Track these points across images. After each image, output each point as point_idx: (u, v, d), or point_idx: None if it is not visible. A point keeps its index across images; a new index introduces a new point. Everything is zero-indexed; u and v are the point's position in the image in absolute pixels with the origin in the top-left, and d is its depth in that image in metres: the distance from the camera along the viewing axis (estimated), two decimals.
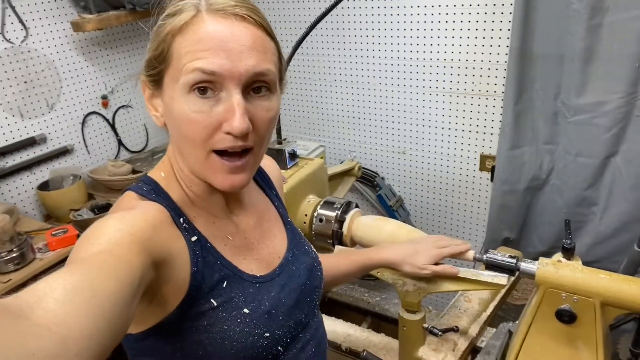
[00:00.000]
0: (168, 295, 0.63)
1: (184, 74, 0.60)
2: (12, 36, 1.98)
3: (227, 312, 0.67)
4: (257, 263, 0.76)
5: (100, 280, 0.47)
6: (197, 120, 0.61)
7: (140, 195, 0.67)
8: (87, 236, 0.56)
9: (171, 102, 0.63)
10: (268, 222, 0.83)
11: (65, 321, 0.41)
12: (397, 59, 2.13)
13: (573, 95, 1.66)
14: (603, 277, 1.01)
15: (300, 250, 0.85)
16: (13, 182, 2.08)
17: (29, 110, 2.09)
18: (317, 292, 0.85)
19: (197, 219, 0.70)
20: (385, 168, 2.39)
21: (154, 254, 0.58)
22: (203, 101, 0.60)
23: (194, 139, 0.62)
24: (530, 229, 2.01)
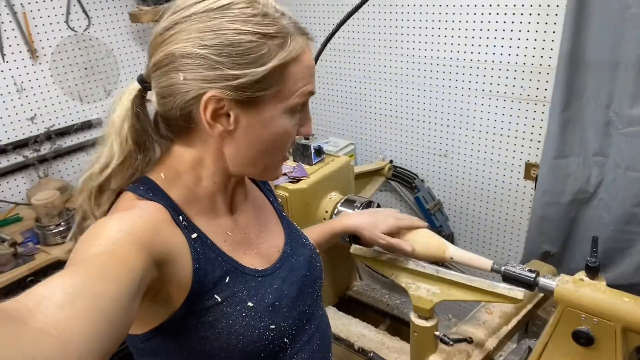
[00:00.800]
0: (171, 293, 0.65)
1: (299, 97, 0.68)
2: (76, 25, 2.12)
3: (231, 307, 0.68)
4: (258, 257, 0.77)
5: (100, 282, 0.47)
6: (293, 132, 0.71)
7: (138, 195, 0.68)
8: (87, 237, 0.57)
9: (271, 120, 0.68)
10: (265, 217, 0.85)
11: (65, 325, 0.41)
12: (443, 59, 2.08)
13: (626, 105, 1.55)
14: (627, 300, 0.94)
15: (298, 242, 0.86)
16: (70, 162, 2.23)
17: (88, 95, 2.23)
18: (319, 283, 0.87)
19: (197, 217, 0.71)
20: (425, 170, 2.34)
21: (155, 252, 0.59)
22: (298, 115, 0.71)
23: (284, 147, 0.72)
24: (574, 245, 1.90)
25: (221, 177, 0.72)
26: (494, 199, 2.17)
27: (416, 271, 1.17)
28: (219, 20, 0.62)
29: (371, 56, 2.30)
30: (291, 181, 1.37)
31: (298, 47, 0.66)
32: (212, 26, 0.62)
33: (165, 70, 0.65)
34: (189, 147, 0.70)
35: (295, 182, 1.37)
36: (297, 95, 0.67)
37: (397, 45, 2.19)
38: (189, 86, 0.64)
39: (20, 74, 1.99)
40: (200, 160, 0.70)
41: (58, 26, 2.06)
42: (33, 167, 2.03)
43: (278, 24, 0.65)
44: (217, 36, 0.62)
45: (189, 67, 0.63)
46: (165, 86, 0.66)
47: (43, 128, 2.09)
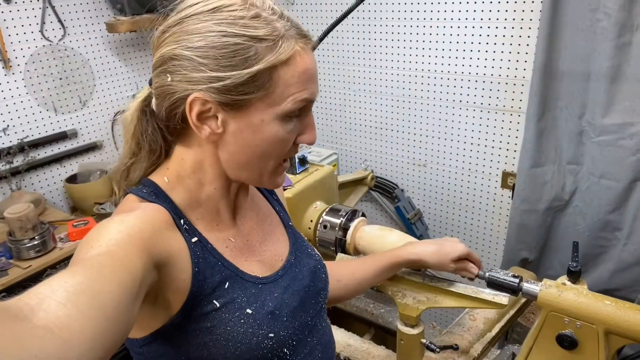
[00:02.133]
0: (171, 297, 0.64)
1: (291, 103, 0.65)
2: (51, 34, 2.08)
3: (229, 313, 0.67)
4: (259, 265, 0.76)
5: (102, 282, 0.48)
6: (289, 139, 0.68)
7: (140, 197, 0.68)
8: (88, 239, 0.56)
9: (261, 124, 0.65)
10: (270, 225, 0.84)
11: (67, 323, 0.41)
12: (422, 71, 2.12)
13: (598, 115, 1.61)
14: (608, 303, 0.97)
15: (303, 252, 0.85)
16: (43, 174, 2.17)
17: (63, 105, 2.18)
18: (323, 295, 0.85)
19: (199, 221, 0.71)
20: (405, 180, 2.37)
21: (155, 255, 0.59)
22: (294, 121, 0.67)
23: (278, 154, 0.69)
24: (551, 252, 1.95)
25: (221, 183, 0.71)
26: (473, 207, 2.21)
27: (402, 279, 1.18)
28: (207, 23, 0.62)
29: (352, 67, 2.33)
30: None
31: (290, 50, 0.63)
32: (200, 28, 0.62)
33: (157, 72, 0.66)
34: (188, 150, 0.70)
35: None
36: (290, 102, 0.64)
37: (378, 57, 2.23)
38: (176, 87, 0.64)
39: None
40: (200, 165, 0.70)
41: (32, 35, 2.02)
42: (5, 179, 1.97)
43: (270, 27, 0.63)
44: (203, 38, 0.61)
45: (176, 68, 0.63)
46: (157, 87, 0.66)
47: (16, 139, 2.02)
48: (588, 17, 1.53)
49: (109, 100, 2.34)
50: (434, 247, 1.06)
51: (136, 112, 0.71)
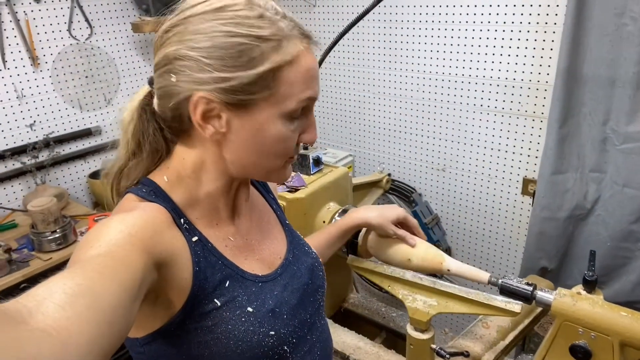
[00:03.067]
0: (171, 296, 0.64)
1: (296, 102, 0.65)
2: (78, 33, 2.14)
3: (230, 312, 0.68)
4: (259, 263, 0.76)
5: (101, 283, 0.47)
6: (292, 138, 0.69)
7: (140, 197, 0.68)
8: (88, 238, 0.57)
9: (265, 124, 0.65)
10: (268, 224, 0.85)
11: (65, 325, 0.41)
12: (442, 74, 2.10)
13: (623, 122, 1.56)
14: (624, 315, 0.94)
15: (300, 250, 0.86)
16: (68, 169, 2.23)
17: (88, 103, 2.24)
18: (321, 292, 0.85)
19: (199, 220, 0.71)
20: (423, 185, 2.34)
21: (155, 254, 0.59)
22: (297, 120, 0.68)
23: (284, 153, 0.70)
24: (571, 261, 1.90)
25: (222, 182, 0.72)
26: (492, 214, 2.17)
27: (413, 283, 1.17)
28: (212, 23, 0.62)
29: (371, 70, 2.32)
30: (289, 190, 1.37)
31: (295, 50, 0.64)
32: (206, 28, 0.62)
33: (161, 72, 0.66)
34: (190, 149, 0.70)
35: (293, 191, 1.37)
36: (294, 101, 0.65)
37: (397, 60, 2.21)
38: (181, 88, 0.64)
39: (20, 81, 2.00)
40: (201, 164, 0.70)
41: (60, 34, 2.08)
42: (30, 173, 2.03)
43: (274, 27, 0.63)
44: (209, 38, 0.61)
45: (181, 69, 0.63)
46: (161, 87, 0.66)
47: (42, 135, 2.09)
48: (614, 21, 1.49)
49: None
50: (377, 211, 1.15)
51: (136, 112, 0.71)
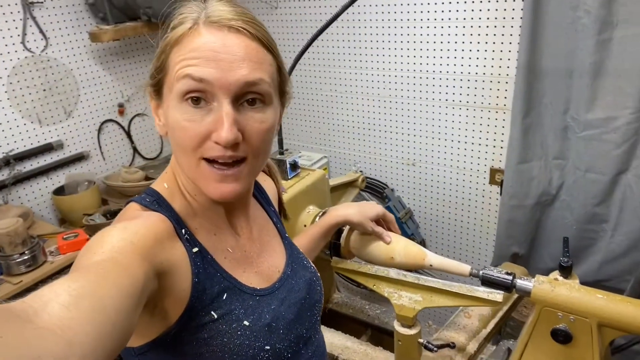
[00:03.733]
0: (169, 306, 0.64)
1: (176, 81, 0.62)
2: (33, 45, 2.06)
3: (227, 325, 0.67)
4: (257, 276, 0.76)
5: (104, 287, 0.48)
6: (189, 128, 0.62)
7: (143, 206, 0.68)
8: (90, 245, 0.57)
9: (167, 111, 0.65)
10: (267, 236, 0.84)
11: (70, 325, 0.41)
12: (407, 70, 2.14)
13: (582, 110, 1.64)
14: (600, 297, 0.99)
15: (299, 264, 0.85)
16: (30, 187, 2.14)
17: (47, 117, 2.16)
18: (318, 307, 0.85)
19: (198, 231, 0.70)
20: (394, 180, 2.38)
21: (156, 263, 0.59)
22: (195, 110, 0.62)
23: (185, 146, 0.63)
24: (540, 245, 1.98)
25: None
26: (462, 204, 2.23)
27: (398, 280, 1.19)
28: None
29: (338, 70, 2.33)
30: None
31: (181, 31, 0.63)
32: None
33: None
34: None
35: None
36: (176, 79, 0.62)
37: (363, 58, 2.24)
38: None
39: None
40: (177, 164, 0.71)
41: (14, 47, 1.99)
42: None
43: (181, 14, 0.65)
44: None
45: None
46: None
47: (1, 153, 2.00)
48: (569, 14, 1.56)
49: (94, 110, 2.32)
50: (356, 208, 1.17)
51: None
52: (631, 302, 0.98)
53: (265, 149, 0.68)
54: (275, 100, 0.68)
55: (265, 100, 0.65)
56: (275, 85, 0.68)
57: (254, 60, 0.62)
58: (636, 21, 1.48)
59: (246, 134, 0.63)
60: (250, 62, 0.62)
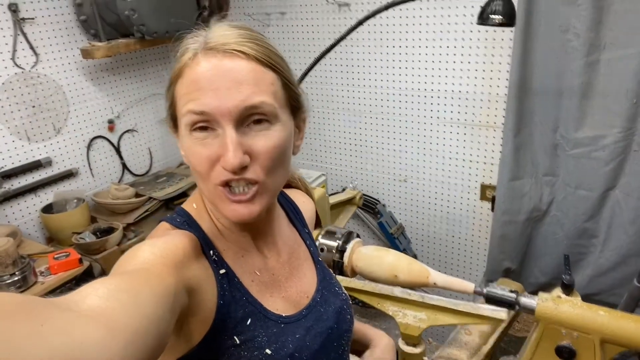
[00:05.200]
0: (194, 327, 0.63)
1: (183, 116, 0.63)
2: (23, 62, 2.03)
3: (248, 352, 0.66)
4: (284, 302, 0.74)
5: (141, 286, 0.49)
6: (199, 155, 0.62)
7: (174, 226, 0.68)
8: (122, 260, 0.58)
9: (182, 140, 0.66)
10: (297, 259, 0.81)
11: (111, 315, 0.42)
12: (400, 88, 2.17)
13: (572, 129, 1.69)
14: (602, 314, 1.01)
15: (329, 291, 0.82)
16: (17, 205, 2.10)
17: (36, 134, 2.12)
18: (346, 337, 0.81)
19: (226, 252, 0.70)
20: (386, 196, 2.41)
21: (185, 279, 0.59)
22: (203, 137, 0.62)
23: (199, 172, 0.64)
24: (531, 260, 2.02)
25: None
26: (453, 220, 2.27)
27: (402, 298, 1.20)
28: None
29: (331, 87, 2.36)
30: None
31: (182, 63, 0.63)
32: None
33: None
34: None
35: None
36: (181, 114, 0.63)
37: (356, 77, 2.27)
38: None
39: None
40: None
41: (4, 63, 1.96)
42: None
43: (185, 45, 0.64)
44: None
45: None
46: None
47: None
48: (559, 37, 1.62)
49: (83, 127, 2.29)
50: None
51: None
52: (631, 318, 1.01)
53: (277, 166, 0.67)
54: (284, 116, 0.67)
55: (270, 119, 0.64)
56: (282, 102, 0.66)
57: (252, 83, 0.62)
58: (622, 44, 1.54)
59: (254, 154, 0.63)
60: (247, 86, 0.61)
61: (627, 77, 1.55)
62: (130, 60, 2.44)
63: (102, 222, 2.16)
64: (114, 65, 2.38)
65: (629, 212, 1.68)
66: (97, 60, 2.23)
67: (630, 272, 1.69)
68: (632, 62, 1.53)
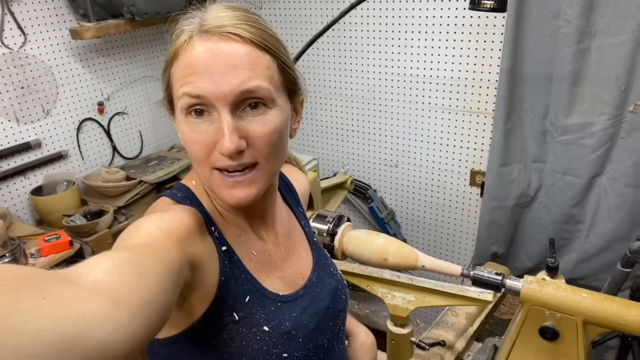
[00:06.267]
0: (196, 302, 0.64)
1: (178, 99, 0.62)
2: (11, 42, 1.99)
3: (247, 328, 0.67)
4: (281, 282, 0.75)
5: (144, 260, 0.49)
6: (195, 140, 0.62)
7: (175, 201, 0.69)
8: (126, 234, 0.58)
9: (178, 124, 0.65)
10: (293, 240, 0.82)
11: (115, 288, 0.42)
12: (392, 74, 2.17)
13: (561, 115, 1.71)
14: (585, 296, 1.04)
15: (325, 272, 0.83)
16: (7, 187, 2.08)
17: (25, 115, 2.10)
18: (341, 317, 0.83)
19: (225, 230, 0.70)
20: (377, 181, 2.42)
21: (189, 254, 0.59)
22: (199, 122, 0.62)
23: (196, 157, 0.64)
24: (518, 245, 2.05)
25: None
26: (443, 205, 2.29)
27: (391, 280, 1.22)
28: None
29: (322, 71, 2.35)
30: None
31: (177, 45, 0.62)
32: None
33: None
34: None
35: None
36: (177, 97, 0.63)
37: (348, 61, 2.26)
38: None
39: None
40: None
41: None
42: None
43: (180, 26, 0.64)
44: None
45: None
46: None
47: None
48: (550, 23, 1.62)
49: (73, 109, 2.27)
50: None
51: None
52: (614, 300, 1.03)
53: (276, 150, 0.67)
54: (280, 100, 0.66)
55: (267, 103, 0.64)
56: (278, 85, 0.66)
57: (247, 67, 0.61)
58: (613, 32, 1.55)
59: (250, 139, 0.63)
60: (243, 70, 0.61)
61: (617, 65, 1.57)
62: (120, 42, 2.41)
63: (92, 205, 2.15)
64: (103, 47, 2.34)
65: (615, 198, 1.71)
66: (86, 41, 2.20)
67: (615, 258, 1.72)
68: (623, 49, 1.55)
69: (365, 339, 0.99)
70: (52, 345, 0.34)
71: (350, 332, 0.99)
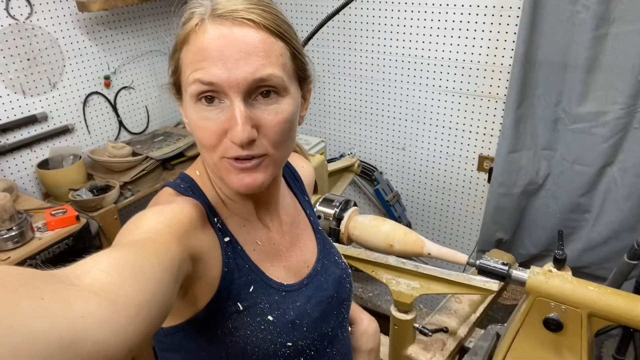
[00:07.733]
0: (199, 293, 0.64)
1: (189, 85, 0.61)
2: (17, 12, 1.97)
3: (251, 317, 0.67)
4: (285, 271, 0.75)
5: (144, 258, 0.48)
6: (205, 128, 0.61)
7: (178, 191, 0.68)
8: (127, 228, 0.57)
9: (186, 110, 0.64)
10: (298, 229, 0.81)
11: (113, 289, 0.42)
12: (402, 55, 2.14)
13: (574, 103, 1.68)
14: (592, 289, 1.04)
15: (329, 260, 0.83)
16: (13, 159, 2.08)
17: (31, 87, 2.08)
18: (346, 305, 0.83)
19: (228, 221, 0.70)
20: (384, 163, 2.41)
21: (191, 247, 0.59)
22: (210, 109, 0.61)
23: (205, 144, 0.63)
24: (524, 232, 2.04)
25: None
26: (449, 189, 2.28)
27: (396, 267, 1.22)
28: None
29: (331, 51, 2.32)
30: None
31: (187, 29, 0.61)
32: None
33: None
34: None
35: None
36: (188, 82, 0.61)
37: (358, 41, 2.22)
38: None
39: None
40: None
41: None
42: None
43: (190, 9, 0.62)
44: None
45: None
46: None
47: None
48: (568, 8, 1.58)
49: (79, 82, 2.25)
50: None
51: None
52: (620, 294, 1.03)
53: (285, 139, 0.66)
54: (292, 88, 0.65)
55: (279, 91, 0.63)
56: (290, 73, 0.65)
57: (261, 55, 0.60)
58: (632, 19, 1.51)
59: (262, 128, 0.62)
60: (257, 57, 0.59)
61: (634, 53, 1.53)
62: (127, 15, 2.37)
63: (98, 180, 2.16)
64: (110, 19, 2.31)
65: (624, 188, 1.69)
66: (93, 13, 2.17)
67: (621, 248, 1.72)
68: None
69: (368, 326, 0.98)
70: (50, 346, 0.34)
71: (353, 319, 0.98)
